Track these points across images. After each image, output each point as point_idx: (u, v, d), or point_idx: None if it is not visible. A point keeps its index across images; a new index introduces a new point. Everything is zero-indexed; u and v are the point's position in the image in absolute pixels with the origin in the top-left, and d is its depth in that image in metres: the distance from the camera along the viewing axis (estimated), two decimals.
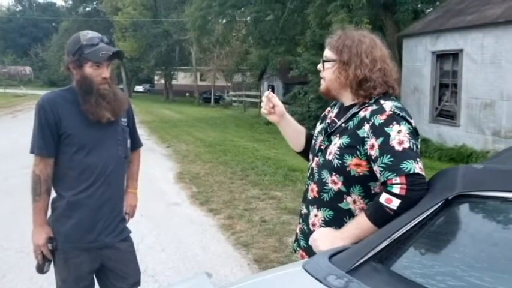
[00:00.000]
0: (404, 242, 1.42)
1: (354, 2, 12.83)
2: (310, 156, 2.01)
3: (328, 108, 2.09)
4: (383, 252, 1.40)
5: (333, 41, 1.88)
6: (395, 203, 1.57)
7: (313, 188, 1.89)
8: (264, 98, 2.08)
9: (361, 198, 1.78)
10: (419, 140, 1.75)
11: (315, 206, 1.88)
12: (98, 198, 2.23)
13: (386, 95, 1.81)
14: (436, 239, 1.44)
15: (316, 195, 1.86)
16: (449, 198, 1.44)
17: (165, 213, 6.00)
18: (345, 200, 1.79)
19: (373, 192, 1.76)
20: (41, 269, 2.28)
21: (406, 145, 1.63)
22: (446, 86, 11.89)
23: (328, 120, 1.97)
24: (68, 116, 2.18)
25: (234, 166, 9.15)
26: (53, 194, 2.30)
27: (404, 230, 1.43)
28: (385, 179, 1.62)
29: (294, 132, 2.13)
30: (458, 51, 11.13)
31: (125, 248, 2.38)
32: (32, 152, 2.22)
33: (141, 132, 15.47)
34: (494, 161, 2.05)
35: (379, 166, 1.65)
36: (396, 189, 1.57)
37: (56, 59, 58.67)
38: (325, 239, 1.69)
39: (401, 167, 1.59)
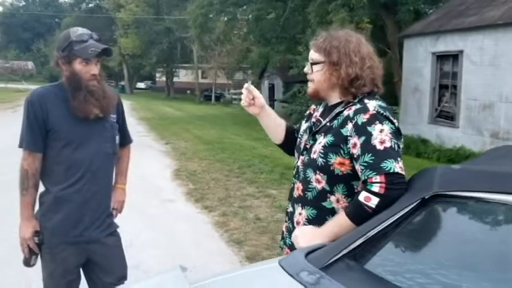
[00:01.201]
0: (379, 240, 1.43)
1: (355, 2, 12.86)
2: (296, 155, 2.03)
3: (313, 107, 2.10)
4: (357, 249, 1.42)
5: (318, 42, 1.89)
6: (374, 201, 1.59)
7: (299, 186, 1.91)
8: (243, 90, 2.09)
9: (345, 197, 1.79)
10: (402, 139, 1.77)
11: (300, 204, 1.90)
12: (84, 193, 2.24)
13: (370, 94, 1.83)
14: (410, 237, 1.46)
15: (301, 194, 1.88)
16: (426, 197, 1.46)
17: (160, 210, 6.02)
18: (328, 199, 1.81)
19: (356, 191, 1.77)
20: (27, 263, 2.30)
21: (388, 144, 1.65)
22: (446, 87, 11.89)
23: (313, 119, 1.99)
24: (56, 112, 2.19)
25: (231, 164, 9.17)
26: (42, 189, 2.32)
27: (380, 228, 1.45)
28: (366, 177, 1.64)
29: (273, 125, 2.16)
30: (458, 53, 11.13)
31: (111, 242, 2.40)
32: (20, 146, 2.23)
33: (140, 129, 15.53)
34: (477, 161, 2.07)
35: (360, 164, 1.67)
36: (375, 188, 1.59)
37: None
38: (305, 236, 1.72)
39: (381, 165, 1.61)
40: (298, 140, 2.04)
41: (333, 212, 1.80)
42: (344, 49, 1.82)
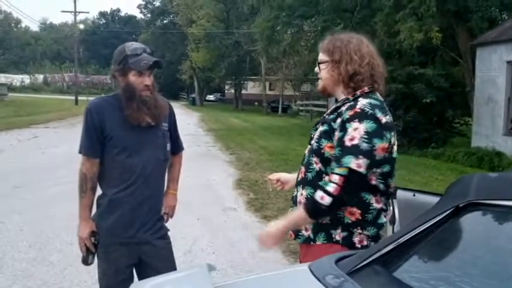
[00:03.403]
0: (409, 246, 1.42)
1: (423, 10, 12.51)
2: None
3: None
4: (387, 256, 1.42)
5: (324, 44, 2.09)
6: (327, 200, 1.82)
7: (302, 170, 2.08)
8: (268, 184, 2.48)
9: None
10: (392, 134, 1.90)
11: (301, 185, 2.07)
12: (137, 196, 2.39)
13: (368, 94, 1.97)
14: (442, 245, 1.44)
15: (303, 176, 2.06)
16: (460, 205, 1.43)
17: (220, 218, 6.15)
18: (323, 179, 1.94)
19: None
20: (85, 261, 2.47)
21: (355, 142, 1.82)
22: None
23: (324, 115, 2.16)
24: (112, 120, 2.36)
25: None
26: (99, 192, 2.49)
27: (411, 235, 1.44)
28: (331, 169, 1.87)
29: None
30: None
31: (161, 245, 2.52)
32: (79, 152, 2.43)
33: (207, 139, 15.96)
34: None
35: (333, 155, 1.90)
36: (330, 188, 1.83)
37: None
38: (269, 229, 2.03)
39: (342, 160, 1.83)
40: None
41: None
42: (345, 48, 1.99)
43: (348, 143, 1.83)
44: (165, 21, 62.09)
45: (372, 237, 1.93)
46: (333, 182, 1.83)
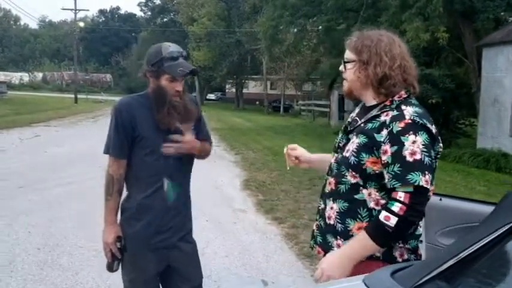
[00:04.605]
0: (472, 262, 1.33)
1: (430, 10, 12.42)
2: (332, 154, 2.03)
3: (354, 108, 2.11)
4: (449, 271, 1.33)
5: (352, 42, 1.91)
6: (392, 221, 1.64)
7: (331, 181, 1.92)
8: (285, 156, 2.26)
9: (377, 191, 1.79)
10: (440, 145, 1.78)
11: (331, 198, 1.90)
12: (165, 201, 2.30)
13: (407, 100, 1.81)
14: (506, 261, 1.35)
15: (334, 188, 1.89)
16: None
17: (231, 220, 6.07)
18: (360, 192, 1.81)
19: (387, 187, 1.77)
20: (110, 268, 2.36)
21: (418, 157, 1.66)
22: None
23: (349, 119, 2.01)
24: (142, 120, 2.27)
25: (301, 175, 9.09)
26: (124, 195, 2.40)
27: (473, 249, 1.35)
28: (392, 186, 1.69)
29: (326, 164, 2.11)
30: None
31: (189, 250, 2.44)
32: (106, 152, 2.33)
33: (211, 139, 15.84)
34: None
35: (388, 172, 1.71)
36: (395, 208, 1.65)
37: (135, 67, 61.54)
38: (333, 265, 1.75)
39: (407, 177, 1.65)
40: (335, 140, 2.04)
41: (364, 204, 1.80)
42: (375, 48, 1.83)
43: (409, 158, 1.66)
44: (165, 19, 61.92)
45: (412, 250, 1.81)
46: (397, 201, 1.65)
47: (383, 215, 1.66)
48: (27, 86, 59.45)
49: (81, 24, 53.55)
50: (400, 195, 1.65)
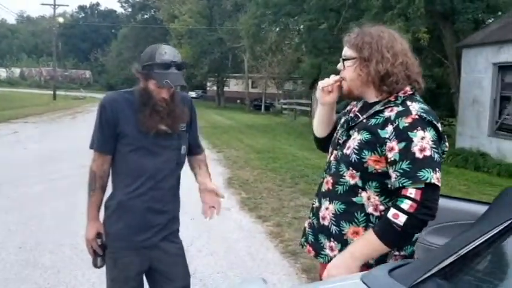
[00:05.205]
0: (471, 259, 1.34)
1: (411, 11, 12.55)
2: (330, 149, 1.97)
3: (354, 103, 2.02)
4: (448, 268, 1.33)
5: (351, 38, 1.84)
6: (401, 219, 1.56)
7: (329, 180, 1.85)
8: (332, 80, 1.93)
9: (376, 195, 1.73)
10: (446, 144, 1.73)
11: (328, 198, 1.85)
12: (148, 200, 2.25)
13: (412, 96, 1.76)
14: (505, 257, 1.36)
15: (331, 187, 1.83)
16: None
17: (215, 218, 6.01)
18: (359, 195, 1.75)
19: (389, 189, 1.70)
20: (94, 263, 2.33)
21: (428, 153, 1.59)
22: (508, 98, 11.38)
23: (351, 114, 1.93)
24: (125, 117, 2.21)
25: (283, 174, 9.11)
26: (109, 192, 2.35)
27: (472, 246, 1.35)
28: (401, 185, 1.60)
29: (328, 119, 2.08)
30: None
31: (173, 250, 2.38)
32: (91, 147, 2.27)
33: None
34: None
35: (396, 171, 1.62)
36: (405, 205, 1.56)
37: (114, 63, 60.97)
38: (340, 268, 1.66)
39: (418, 174, 1.57)
40: (335, 134, 1.97)
41: (362, 208, 1.75)
42: (376, 45, 1.77)
43: (419, 155, 1.58)
44: (146, 16, 61.49)
45: (409, 257, 1.76)
46: (407, 198, 1.56)
47: (391, 212, 1.58)
48: (5, 82, 58.32)
49: (61, 19, 52.63)
50: (411, 191, 1.57)
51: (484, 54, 12.09)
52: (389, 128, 1.66)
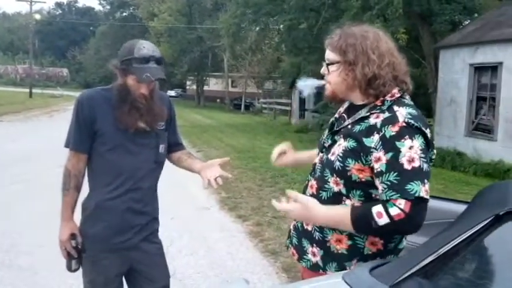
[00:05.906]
0: (451, 257, 1.35)
1: (390, 12, 12.69)
2: (316, 151, 1.92)
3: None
4: (428, 267, 1.34)
5: (334, 41, 1.73)
6: (383, 221, 1.50)
7: (313, 184, 1.79)
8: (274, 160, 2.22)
9: (361, 204, 1.67)
10: (434, 152, 1.67)
11: None
12: (126, 200, 2.20)
13: (400, 100, 1.66)
14: (485, 255, 1.37)
15: (315, 192, 1.76)
16: (500, 213, 1.38)
17: (195, 218, 6.00)
18: (343, 202, 1.68)
19: (373, 198, 1.64)
20: (69, 267, 2.24)
21: (416, 164, 1.51)
22: (484, 99, 11.60)
23: (337, 115, 1.88)
24: (104, 115, 2.16)
25: (264, 173, 9.11)
26: (86, 193, 2.29)
27: (452, 245, 1.37)
28: (388, 198, 1.52)
29: (311, 158, 2.02)
30: (497, 64, 10.84)
31: (153, 250, 2.35)
32: (66, 145, 2.21)
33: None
34: None
35: (383, 182, 1.54)
36: (393, 211, 1.49)
37: (92, 62, 60.17)
38: (299, 217, 1.76)
39: (406, 188, 1.49)
40: (321, 136, 1.92)
41: None
42: (361, 46, 1.66)
43: (407, 166, 1.50)
44: (124, 14, 60.82)
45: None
46: (397, 206, 1.49)
47: (376, 209, 1.51)
48: None
49: (37, 16, 51.78)
50: (400, 202, 1.49)
51: (461, 55, 12.30)
52: (376, 137, 1.58)
